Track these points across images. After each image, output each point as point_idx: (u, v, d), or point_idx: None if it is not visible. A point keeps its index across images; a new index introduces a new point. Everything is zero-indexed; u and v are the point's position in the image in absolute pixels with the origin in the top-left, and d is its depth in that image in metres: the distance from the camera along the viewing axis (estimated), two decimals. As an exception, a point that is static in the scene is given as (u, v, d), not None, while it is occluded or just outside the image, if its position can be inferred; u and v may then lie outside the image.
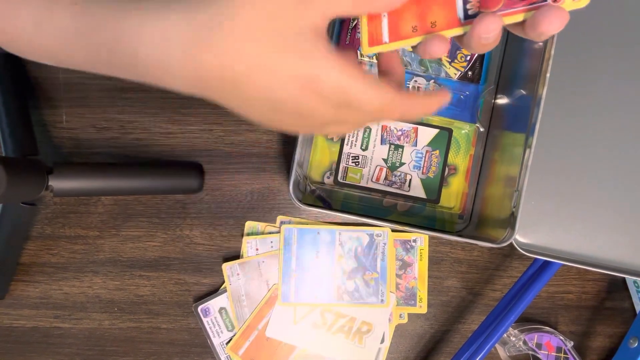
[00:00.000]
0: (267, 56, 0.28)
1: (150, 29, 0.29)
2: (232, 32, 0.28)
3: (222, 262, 0.54)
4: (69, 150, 0.53)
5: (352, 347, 0.54)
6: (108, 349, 0.54)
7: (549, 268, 0.49)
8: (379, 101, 0.30)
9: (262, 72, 0.28)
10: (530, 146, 0.44)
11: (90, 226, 0.54)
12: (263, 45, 0.28)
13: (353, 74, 0.29)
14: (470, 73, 0.52)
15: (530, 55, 0.48)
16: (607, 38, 0.51)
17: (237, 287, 0.53)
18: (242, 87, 0.29)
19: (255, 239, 0.54)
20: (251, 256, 0.53)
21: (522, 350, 0.54)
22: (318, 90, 0.29)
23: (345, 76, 0.29)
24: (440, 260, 0.55)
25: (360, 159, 0.52)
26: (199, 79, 0.30)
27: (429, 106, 0.33)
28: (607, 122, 0.51)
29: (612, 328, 0.57)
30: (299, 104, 0.30)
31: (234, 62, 0.28)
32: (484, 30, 0.30)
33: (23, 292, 0.54)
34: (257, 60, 0.28)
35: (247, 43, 0.28)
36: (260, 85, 0.29)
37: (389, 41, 0.33)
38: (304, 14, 0.28)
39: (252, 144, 0.54)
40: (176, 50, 0.28)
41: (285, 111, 0.30)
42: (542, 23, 0.31)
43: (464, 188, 0.52)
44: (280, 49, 0.28)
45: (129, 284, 0.54)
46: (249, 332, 0.53)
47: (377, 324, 0.54)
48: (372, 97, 0.30)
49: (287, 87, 0.29)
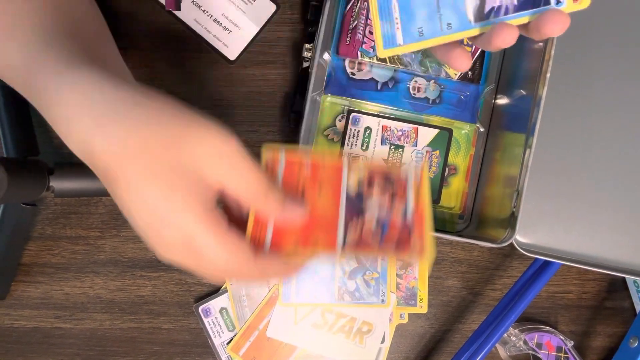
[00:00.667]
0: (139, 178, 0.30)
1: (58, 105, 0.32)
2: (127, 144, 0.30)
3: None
4: (70, 151, 0.53)
5: (353, 347, 0.54)
6: (109, 349, 0.54)
7: (549, 268, 0.50)
8: (226, 262, 0.30)
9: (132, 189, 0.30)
10: (531, 146, 0.44)
11: (91, 226, 0.54)
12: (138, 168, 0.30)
13: (209, 228, 0.30)
14: (471, 73, 0.52)
15: (530, 55, 0.48)
16: (607, 38, 0.52)
17: (238, 288, 0.53)
18: (116, 189, 0.31)
19: None
20: None
21: (522, 350, 0.54)
22: (165, 231, 0.30)
23: (195, 225, 0.30)
24: (441, 260, 0.55)
25: (360, 159, 0.52)
26: (90, 160, 0.32)
27: (283, 274, 0.34)
28: (607, 122, 0.51)
29: (612, 328, 0.57)
30: (148, 231, 0.31)
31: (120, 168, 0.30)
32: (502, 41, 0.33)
33: (24, 292, 0.54)
34: (134, 177, 0.30)
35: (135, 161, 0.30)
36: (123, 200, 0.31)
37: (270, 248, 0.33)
38: (203, 173, 0.30)
39: (252, 145, 0.54)
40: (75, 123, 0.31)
41: (139, 229, 0.32)
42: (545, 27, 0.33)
43: (464, 188, 0.53)
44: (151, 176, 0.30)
45: (129, 284, 0.54)
46: (250, 332, 0.53)
47: (377, 324, 0.54)
48: (219, 256, 0.30)
49: (142, 217, 0.31)
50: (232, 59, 0.53)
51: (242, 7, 0.53)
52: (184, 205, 0.30)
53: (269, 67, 0.54)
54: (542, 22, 0.33)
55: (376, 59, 0.51)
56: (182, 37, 0.53)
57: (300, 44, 0.51)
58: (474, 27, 0.35)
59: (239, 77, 0.54)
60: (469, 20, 0.34)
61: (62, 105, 0.31)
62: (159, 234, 0.31)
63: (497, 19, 0.34)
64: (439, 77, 0.52)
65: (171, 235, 0.30)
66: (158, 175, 0.30)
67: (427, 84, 0.52)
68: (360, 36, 0.51)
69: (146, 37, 0.52)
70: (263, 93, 0.54)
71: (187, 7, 0.52)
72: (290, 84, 0.54)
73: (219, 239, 0.30)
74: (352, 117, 0.52)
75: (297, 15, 0.54)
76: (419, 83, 0.52)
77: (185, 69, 0.53)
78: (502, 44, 0.33)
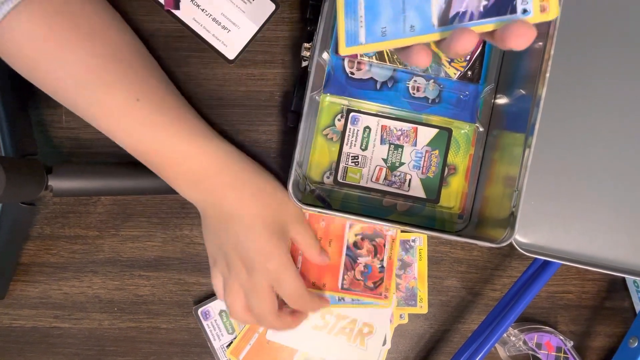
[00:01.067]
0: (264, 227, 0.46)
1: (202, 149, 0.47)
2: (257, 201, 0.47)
3: (222, 262, 0.54)
4: (68, 150, 0.53)
5: (354, 349, 0.53)
6: (108, 349, 0.54)
7: (548, 268, 0.49)
8: (299, 285, 0.48)
9: (253, 229, 0.46)
10: (530, 146, 0.44)
11: (89, 226, 0.54)
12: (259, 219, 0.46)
13: (290, 262, 0.47)
14: (470, 73, 0.52)
15: (530, 55, 0.48)
16: (607, 38, 0.51)
17: None
18: (233, 225, 0.46)
19: None
20: None
21: (522, 350, 0.54)
22: (267, 264, 0.46)
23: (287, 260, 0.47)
24: (440, 260, 0.55)
25: (360, 159, 0.52)
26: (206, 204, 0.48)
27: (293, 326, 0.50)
28: (607, 122, 0.51)
29: (612, 328, 0.57)
30: (252, 256, 0.46)
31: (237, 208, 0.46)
32: (460, 47, 0.33)
33: (22, 292, 0.54)
34: (258, 222, 0.46)
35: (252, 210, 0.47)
36: (244, 232, 0.46)
37: None
38: (288, 229, 0.48)
39: (252, 144, 0.54)
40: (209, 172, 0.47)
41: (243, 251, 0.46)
42: (509, 39, 0.32)
43: (464, 188, 0.52)
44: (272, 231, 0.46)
45: (128, 283, 0.54)
46: (250, 335, 0.53)
47: (378, 326, 0.54)
48: (295, 281, 0.47)
49: (256, 245, 0.46)
50: (231, 58, 0.53)
51: (241, 7, 0.52)
52: (282, 245, 0.47)
53: (268, 66, 0.54)
54: (506, 33, 0.32)
55: (375, 59, 0.51)
56: (181, 37, 0.53)
57: (300, 43, 0.51)
58: (436, 31, 0.34)
59: (238, 77, 0.54)
60: (433, 24, 0.34)
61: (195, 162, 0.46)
62: (262, 259, 0.46)
63: (461, 25, 0.33)
64: (439, 76, 0.52)
65: (271, 260, 0.46)
66: (269, 224, 0.46)
67: (426, 83, 0.52)
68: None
69: (145, 37, 0.52)
70: (262, 92, 0.54)
71: (186, 6, 0.52)
72: (289, 84, 0.54)
73: (295, 269, 0.48)
74: (351, 117, 0.52)
75: (296, 15, 0.53)
76: (418, 83, 0.52)
77: (184, 68, 0.53)
78: (461, 50, 0.33)
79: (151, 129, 0.44)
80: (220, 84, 0.53)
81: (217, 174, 0.46)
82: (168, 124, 0.44)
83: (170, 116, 0.45)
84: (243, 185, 0.46)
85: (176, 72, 0.53)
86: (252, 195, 0.46)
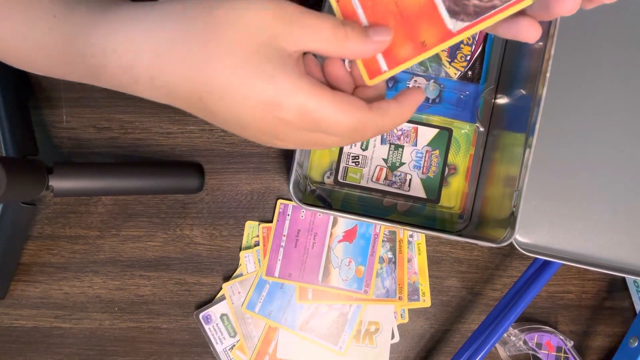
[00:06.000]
0: (235, 79, 0.29)
1: (118, 39, 0.30)
2: (205, 48, 0.28)
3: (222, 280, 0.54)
4: (69, 150, 0.53)
5: (365, 350, 0.54)
6: (108, 349, 0.54)
7: (549, 268, 0.49)
8: (349, 123, 0.30)
9: (227, 94, 0.29)
10: (530, 146, 0.44)
11: (90, 226, 0.54)
12: (232, 68, 0.28)
13: (320, 97, 0.29)
14: (470, 73, 0.52)
15: (530, 55, 0.48)
16: (607, 38, 0.51)
17: (240, 305, 0.53)
18: (209, 104, 0.30)
19: (250, 253, 0.53)
20: (250, 272, 0.53)
21: (522, 349, 0.54)
22: (281, 115, 0.29)
23: (312, 100, 0.29)
24: (441, 260, 0.55)
25: (360, 159, 0.52)
26: (167, 91, 0.30)
27: (403, 115, 0.32)
28: (607, 122, 0.51)
29: (612, 328, 0.57)
30: (264, 127, 0.30)
31: (202, 79, 0.29)
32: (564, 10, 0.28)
33: (23, 292, 0.54)
34: (225, 81, 0.29)
35: (217, 64, 0.28)
36: (225, 106, 0.29)
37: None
38: (280, 44, 0.29)
39: (252, 144, 0.54)
40: (143, 60, 0.29)
41: (253, 131, 0.31)
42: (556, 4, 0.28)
43: (464, 188, 0.52)
44: (248, 73, 0.28)
45: (129, 283, 0.54)
46: (261, 358, 0.53)
47: (384, 322, 0.54)
48: (341, 120, 0.29)
49: (251, 111, 0.29)
50: (232, 58, 0.53)
51: (241, 7, 0.52)
52: (287, 80, 0.29)
53: (268, 66, 0.53)
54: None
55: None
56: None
57: (300, 44, 0.51)
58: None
59: (239, 77, 0.53)
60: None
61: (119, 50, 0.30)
62: (275, 124, 0.30)
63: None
64: (439, 76, 0.52)
65: (285, 116, 0.29)
66: (249, 69, 0.28)
67: (426, 83, 0.52)
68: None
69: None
70: (263, 92, 0.54)
71: (187, 6, 0.52)
72: (290, 84, 0.54)
73: (332, 99, 0.29)
74: (351, 117, 0.52)
75: (296, 15, 0.53)
76: (419, 83, 0.52)
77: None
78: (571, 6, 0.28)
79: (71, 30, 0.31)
80: (221, 84, 0.53)
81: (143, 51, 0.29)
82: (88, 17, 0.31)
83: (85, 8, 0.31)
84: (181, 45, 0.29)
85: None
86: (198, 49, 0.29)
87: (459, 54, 0.51)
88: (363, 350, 0.54)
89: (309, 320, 0.53)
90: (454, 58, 0.52)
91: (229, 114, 0.30)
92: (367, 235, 0.53)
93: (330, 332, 0.53)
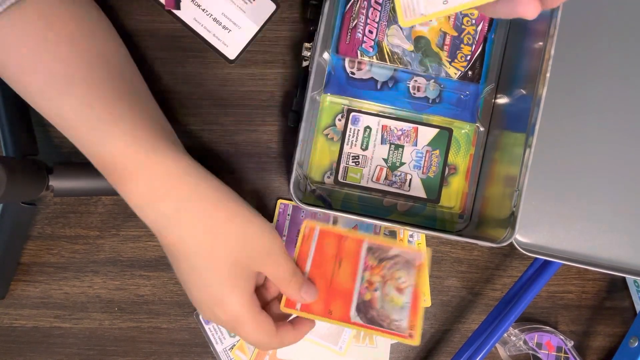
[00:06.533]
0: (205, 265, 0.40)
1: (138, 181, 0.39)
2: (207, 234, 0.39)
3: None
4: (69, 150, 0.53)
5: (365, 350, 0.54)
6: (108, 349, 0.54)
7: (549, 268, 0.49)
8: (257, 337, 0.41)
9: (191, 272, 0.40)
10: (530, 146, 0.44)
11: (90, 226, 0.54)
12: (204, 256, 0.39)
13: (247, 313, 0.40)
14: (470, 73, 0.52)
15: (530, 55, 0.48)
16: (607, 38, 0.51)
17: None
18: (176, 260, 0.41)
19: None
20: None
21: (522, 349, 0.54)
22: (216, 307, 0.40)
23: (244, 308, 0.40)
24: (440, 260, 0.55)
25: (361, 159, 0.52)
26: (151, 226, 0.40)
27: (297, 337, 0.44)
28: (608, 122, 0.51)
29: (612, 327, 0.57)
30: (204, 307, 0.41)
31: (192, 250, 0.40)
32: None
33: (23, 292, 0.54)
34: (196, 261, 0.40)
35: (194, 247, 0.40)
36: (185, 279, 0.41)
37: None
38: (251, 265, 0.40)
39: (252, 144, 0.54)
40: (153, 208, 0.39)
41: (196, 301, 0.42)
42: None
43: (464, 188, 0.52)
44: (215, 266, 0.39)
45: (129, 283, 0.54)
46: (261, 358, 0.53)
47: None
48: (252, 336, 0.41)
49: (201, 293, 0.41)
50: (232, 58, 0.53)
51: (241, 7, 0.52)
52: (237, 292, 0.39)
53: (268, 66, 0.54)
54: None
55: (376, 59, 0.51)
56: (182, 36, 0.53)
57: (300, 43, 0.51)
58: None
59: (239, 77, 0.54)
60: None
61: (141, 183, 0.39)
62: (211, 309, 0.40)
63: None
64: (439, 76, 0.52)
65: (222, 312, 0.40)
66: (221, 266, 0.39)
67: (427, 83, 0.52)
68: (360, 35, 0.51)
69: (145, 36, 0.52)
70: (262, 92, 0.54)
71: (187, 6, 0.52)
72: (290, 83, 0.54)
73: (255, 321, 0.40)
74: (351, 117, 0.52)
75: (296, 15, 0.53)
76: (419, 82, 0.52)
77: (184, 68, 0.53)
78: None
79: (101, 138, 0.39)
80: (221, 84, 0.53)
81: (162, 198, 0.38)
82: (120, 133, 0.38)
83: (126, 126, 0.39)
84: (196, 215, 0.39)
85: (176, 72, 0.53)
86: (206, 227, 0.39)
87: (459, 54, 0.51)
88: (363, 350, 0.54)
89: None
90: (454, 58, 0.52)
91: (186, 276, 0.41)
92: (367, 235, 0.53)
93: (330, 332, 0.53)
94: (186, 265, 0.40)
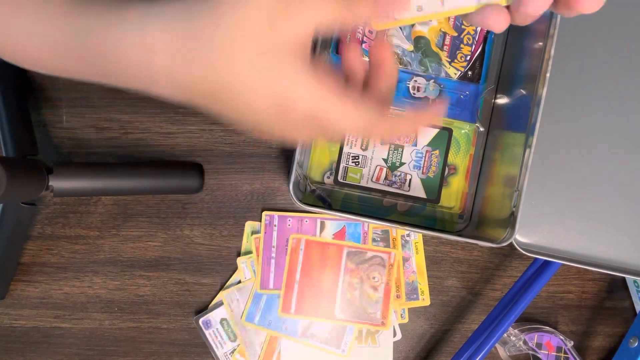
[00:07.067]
0: (246, 75, 0.28)
1: (132, 39, 0.29)
2: (215, 48, 0.28)
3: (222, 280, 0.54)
4: (69, 150, 0.53)
5: (369, 350, 0.54)
6: (108, 349, 0.54)
7: (549, 268, 0.49)
8: (356, 124, 0.30)
9: (239, 91, 0.29)
10: (530, 146, 0.44)
11: (90, 226, 0.54)
12: (242, 63, 0.28)
13: (328, 95, 0.29)
14: (470, 73, 0.52)
15: (530, 55, 0.48)
16: (607, 38, 0.51)
17: (239, 313, 0.53)
18: (224, 102, 0.30)
19: (246, 260, 0.53)
20: (247, 279, 0.53)
21: (522, 350, 0.54)
22: (290, 114, 0.29)
23: (319, 97, 0.29)
24: (440, 260, 0.55)
25: (360, 159, 0.52)
26: (183, 89, 0.30)
27: (414, 125, 0.33)
28: (608, 122, 0.51)
29: (612, 328, 0.57)
30: (275, 123, 0.30)
31: (215, 76, 0.29)
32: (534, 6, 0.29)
33: (23, 292, 0.54)
34: (236, 78, 0.29)
35: (227, 61, 0.28)
36: (238, 103, 0.30)
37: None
38: (283, 29, 0.28)
39: (252, 144, 0.54)
40: (160, 60, 0.29)
41: (265, 126, 0.31)
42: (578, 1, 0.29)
43: (464, 188, 0.52)
44: (258, 68, 0.28)
45: (129, 284, 0.54)
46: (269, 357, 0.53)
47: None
48: (347, 120, 0.30)
49: (263, 109, 0.29)
50: (232, 58, 0.53)
51: (241, 7, 0.52)
52: (299, 75, 0.29)
53: (268, 66, 0.53)
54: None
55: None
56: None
57: (300, 44, 0.51)
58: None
59: (239, 77, 0.53)
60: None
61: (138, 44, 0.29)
62: (286, 116, 0.29)
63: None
64: (439, 76, 0.52)
65: (298, 110, 0.29)
66: (263, 60, 0.28)
67: (426, 83, 0.52)
68: (360, 35, 0.51)
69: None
70: (262, 92, 0.54)
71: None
72: (290, 84, 0.54)
73: (343, 101, 0.29)
74: (351, 117, 0.52)
75: (296, 15, 0.53)
76: (419, 83, 0.52)
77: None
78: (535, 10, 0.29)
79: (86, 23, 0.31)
80: (221, 84, 0.53)
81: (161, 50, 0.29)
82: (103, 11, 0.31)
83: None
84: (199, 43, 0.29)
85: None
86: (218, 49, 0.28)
87: (459, 54, 0.51)
88: (366, 350, 0.54)
89: (309, 326, 0.53)
90: (454, 58, 0.52)
91: (242, 111, 0.30)
92: (356, 234, 0.53)
93: (332, 336, 0.53)
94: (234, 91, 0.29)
